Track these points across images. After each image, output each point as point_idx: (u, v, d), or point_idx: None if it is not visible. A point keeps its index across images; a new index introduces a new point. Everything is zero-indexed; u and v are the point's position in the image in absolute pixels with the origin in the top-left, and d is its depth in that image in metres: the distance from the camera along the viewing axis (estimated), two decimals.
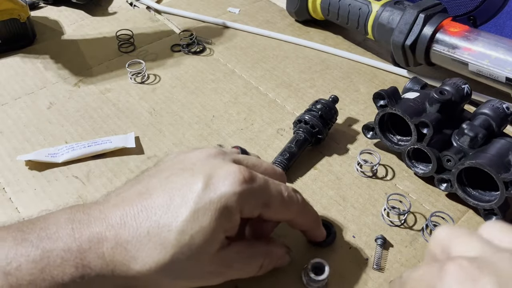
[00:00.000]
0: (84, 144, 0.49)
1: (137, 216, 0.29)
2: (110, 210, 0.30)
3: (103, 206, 0.31)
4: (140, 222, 0.29)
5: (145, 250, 0.28)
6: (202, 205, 0.29)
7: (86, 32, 0.68)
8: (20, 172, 0.47)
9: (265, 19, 0.72)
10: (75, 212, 0.30)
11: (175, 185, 0.30)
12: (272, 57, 0.65)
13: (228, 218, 0.30)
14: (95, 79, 0.59)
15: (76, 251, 0.28)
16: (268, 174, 0.34)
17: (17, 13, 0.61)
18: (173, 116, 0.55)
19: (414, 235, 0.43)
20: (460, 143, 0.45)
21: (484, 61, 0.52)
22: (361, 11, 0.61)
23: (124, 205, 0.30)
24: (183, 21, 0.71)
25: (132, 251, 0.29)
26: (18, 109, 0.55)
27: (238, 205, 0.30)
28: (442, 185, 0.46)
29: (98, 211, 0.30)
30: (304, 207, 0.36)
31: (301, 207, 0.35)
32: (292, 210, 0.34)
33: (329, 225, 0.42)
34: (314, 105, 0.50)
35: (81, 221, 0.30)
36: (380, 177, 0.48)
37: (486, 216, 0.43)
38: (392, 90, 0.49)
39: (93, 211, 0.30)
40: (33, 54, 0.63)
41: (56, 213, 0.31)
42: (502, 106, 0.46)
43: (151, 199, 0.30)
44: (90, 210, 0.31)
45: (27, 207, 0.44)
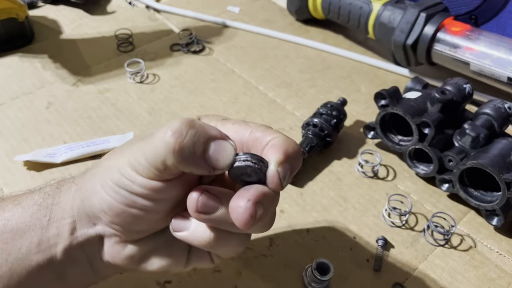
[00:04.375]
0: (82, 144, 0.49)
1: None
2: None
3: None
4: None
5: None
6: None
7: (84, 31, 0.67)
8: (18, 173, 0.47)
9: (265, 18, 0.72)
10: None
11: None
12: (272, 57, 0.65)
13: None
14: (93, 78, 0.59)
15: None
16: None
17: (15, 12, 0.60)
18: (172, 116, 0.54)
19: (415, 236, 0.43)
20: (462, 143, 0.45)
21: (486, 60, 0.52)
22: (362, 10, 0.61)
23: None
24: (183, 20, 0.71)
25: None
26: (16, 109, 0.54)
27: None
28: (444, 185, 0.46)
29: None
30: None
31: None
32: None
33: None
34: (323, 107, 0.50)
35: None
36: (381, 178, 0.48)
37: (488, 216, 0.43)
38: (393, 89, 0.48)
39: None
40: (32, 53, 0.63)
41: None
42: (503, 106, 0.45)
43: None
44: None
45: None
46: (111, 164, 0.28)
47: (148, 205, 0.27)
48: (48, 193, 0.30)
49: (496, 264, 0.41)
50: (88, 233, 0.29)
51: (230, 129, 0.29)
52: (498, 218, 0.42)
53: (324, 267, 0.37)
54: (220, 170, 0.26)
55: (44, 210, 0.29)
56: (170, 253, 0.30)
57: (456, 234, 0.43)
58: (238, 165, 0.26)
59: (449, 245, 0.42)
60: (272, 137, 0.27)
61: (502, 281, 0.39)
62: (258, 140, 0.28)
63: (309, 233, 0.42)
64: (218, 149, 0.26)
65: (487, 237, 0.43)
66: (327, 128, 0.48)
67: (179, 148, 0.25)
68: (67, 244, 0.29)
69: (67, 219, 0.29)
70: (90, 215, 0.29)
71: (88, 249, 0.30)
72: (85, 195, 0.29)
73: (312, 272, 0.36)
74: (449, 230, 0.42)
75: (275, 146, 0.27)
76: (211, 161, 0.26)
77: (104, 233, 0.29)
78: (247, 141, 0.28)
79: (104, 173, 0.28)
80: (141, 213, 0.28)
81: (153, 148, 0.25)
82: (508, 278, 0.40)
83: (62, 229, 0.29)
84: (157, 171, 0.26)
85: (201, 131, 0.25)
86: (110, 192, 0.27)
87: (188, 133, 0.25)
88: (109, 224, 0.29)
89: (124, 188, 0.27)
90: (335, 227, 0.43)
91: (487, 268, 0.40)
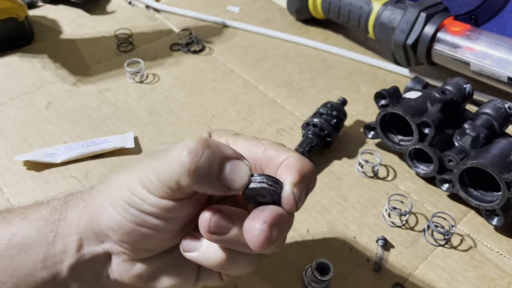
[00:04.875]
0: (82, 144, 0.49)
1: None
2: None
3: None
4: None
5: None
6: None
7: (84, 31, 0.67)
8: (18, 173, 0.47)
9: (265, 18, 0.72)
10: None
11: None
12: (272, 57, 0.65)
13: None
14: (93, 78, 0.59)
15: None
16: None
17: (15, 12, 0.60)
18: (172, 115, 0.54)
19: (415, 236, 0.43)
20: (462, 143, 0.45)
21: (486, 60, 0.52)
22: (362, 10, 0.61)
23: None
24: (182, 20, 0.71)
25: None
26: (16, 109, 0.54)
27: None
28: (444, 185, 0.46)
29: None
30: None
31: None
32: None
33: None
34: (323, 107, 0.50)
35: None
36: (381, 178, 0.48)
37: (488, 216, 0.43)
38: (394, 89, 0.48)
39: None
40: (31, 53, 0.63)
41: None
42: (504, 105, 0.45)
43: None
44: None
45: None
46: (121, 181, 0.27)
47: (159, 224, 0.27)
48: (55, 207, 0.29)
49: (496, 264, 0.41)
50: (95, 251, 0.29)
51: (242, 146, 0.28)
52: (498, 218, 0.42)
53: (324, 267, 0.37)
54: (235, 191, 0.25)
55: (50, 226, 0.28)
56: (179, 271, 0.30)
57: (456, 234, 0.43)
58: (253, 186, 0.25)
59: (449, 245, 0.42)
60: (286, 156, 0.27)
61: (502, 281, 0.39)
62: (272, 159, 0.27)
63: (309, 233, 0.42)
64: (233, 170, 0.25)
65: (487, 237, 0.43)
66: (327, 128, 0.48)
67: (195, 168, 0.24)
68: (73, 261, 0.28)
69: (73, 236, 0.28)
70: (98, 232, 0.28)
71: (95, 267, 0.29)
72: (93, 212, 0.28)
73: (312, 272, 0.36)
74: (449, 230, 0.42)
75: (290, 166, 0.26)
76: (226, 181, 0.25)
77: (112, 251, 0.29)
78: (260, 159, 0.28)
79: (113, 191, 0.27)
80: (151, 232, 0.27)
81: (167, 167, 0.25)
82: (508, 278, 0.40)
83: (69, 245, 0.28)
84: (169, 190, 0.25)
85: (216, 151, 0.25)
86: (119, 210, 0.27)
87: (204, 153, 0.24)
88: (118, 243, 0.28)
89: (135, 206, 0.26)
90: (335, 227, 0.43)
91: (487, 268, 0.40)
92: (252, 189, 0.25)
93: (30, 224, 0.28)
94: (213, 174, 0.25)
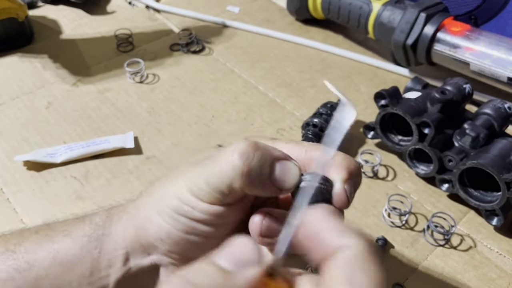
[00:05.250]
0: (82, 144, 0.49)
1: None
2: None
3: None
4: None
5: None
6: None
7: (84, 31, 0.67)
8: (18, 173, 0.47)
9: (265, 18, 0.72)
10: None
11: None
12: (272, 57, 0.65)
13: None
14: (93, 78, 0.59)
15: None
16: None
17: (15, 12, 0.60)
18: (172, 116, 0.54)
19: (415, 236, 0.43)
20: (462, 143, 0.45)
21: (486, 60, 0.52)
22: (362, 10, 0.61)
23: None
24: (182, 20, 0.71)
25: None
26: (16, 109, 0.54)
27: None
28: (444, 185, 0.46)
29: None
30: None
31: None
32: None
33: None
34: (323, 107, 0.50)
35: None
36: (381, 178, 0.48)
37: (487, 217, 0.43)
38: (393, 89, 0.48)
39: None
40: (31, 53, 0.63)
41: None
42: (503, 106, 0.46)
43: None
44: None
45: (25, 208, 0.44)
46: (167, 191, 0.27)
47: (208, 231, 0.27)
48: (98, 224, 0.29)
49: (496, 264, 0.41)
50: (142, 263, 0.28)
51: (283, 148, 0.28)
52: (498, 218, 0.42)
53: None
54: (286, 191, 0.26)
55: (94, 242, 0.28)
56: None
57: (456, 234, 0.43)
58: (304, 185, 0.25)
59: (449, 245, 0.42)
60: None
61: (502, 281, 0.39)
62: (314, 159, 0.27)
63: None
64: (283, 170, 0.25)
65: (487, 237, 0.43)
66: (326, 127, 0.48)
67: (248, 170, 0.24)
68: (119, 275, 0.28)
69: (119, 250, 0.28)
70: (144, 245, 0.28)
71: (143, 280, 0.29)
72: (139, 225, 0.28)
73: (312, 272, 0.36)
74: (449, 230, 0.42)
75: (338, 165, 0.26)
76: (278, 182, 0.25)
77: (160, 262, 0.28)
78: (302, 160, 0.28)
79: (160, 201, 0.27)
80: (200, 239, 0.27)
81: (218, 171, 0.25)
82: (508, 278, 0.40)
83: (114, 260, 0.28)
84: (220, 195, 0.25)
85: (266, 152, 0.25)
86: (168, 220, 0.27)
87: (255, 155, 0.25)
88: (166, 253, 0.28)
89: (184, 214, 0.26)
90: None
91: (487, 268, 0.40)
92: (303, 188, 0.25)
93: (74, 241, 0.28)
94: (265, 175, 0.25)
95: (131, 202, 0.30)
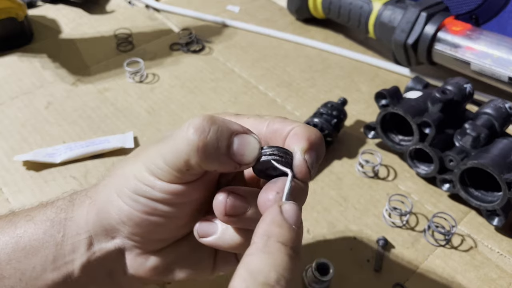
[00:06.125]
0: (82, 144, 0.48)
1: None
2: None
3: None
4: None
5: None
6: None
7: (84, 31, 0.67)
8: (17, 173, 0.47)
9: (265, 18, 0.72)
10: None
11: None
12: (272, 56, 0.64)
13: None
14: (93, 78, 0.59)
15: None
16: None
17: (14, 12, 0.60)
18: (172, 115, 0.54)
19: (416, 236, 0.42)
20: (463, 143, 0.45)
21: (486, 60, 0.52)
22: (362, 10, 0.61)
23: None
24: (182, 19, 0.71)
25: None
26: (16, 109, 0.54)
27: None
28: (444, 185, 0.45)
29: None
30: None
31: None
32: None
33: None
34: (323, 107, 0.50)
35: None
36: (382, 178, 0.48)
37: (488, 217, 0.43)
38: (394, 89, 0.48)
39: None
40: (31, 53, 0.62)
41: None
42: (504, 105, 0.45)
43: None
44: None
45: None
46: (126, 171, 0.27)
47: (169, 211, 0.26)
48: (60, 207, 0.28)
49: (497, 264, 0.41)
50: (107, 247, 0.28)
51: (246, 123, 0.27)
52: (499, 218, 0.42)
53: (324, 267, 0.37)
54: (246, 165, 0.25)
55: (57, 226, 0.28)
56: (196, 260, 0.29)
57: (456, 234, 0.43)
58: (264, 159, 0.24)
59: (450, 245, 0.42)
60: (291, 127, 0.26)
61: (503, 282, 0.39)
62: (277, 132, 0.26)
63: (309, 233, 0.42)
64: (242, 144, 0.24)
65: (487, 237, 0.43)
66: (327, 128, 0.48)
67: (203, 145, 0.23)
68: (84, 260, 0.27)
69: (82, 234, 0.27)
70: (107, 228, 0.27)
71: (108, 264, 0.28)
72: (100, 208, 0.27)
73: (312, 273, 0.36)
74: (450, 230, 0.42)
75: (298, 135, 0.25)
76: (236, 156, 0.24)
77: (124, 246, 0.28)
78: (265, 134, 0.27)
79: (119, 182, 0.27)
80: (162, 220, 0.26)
81: (174, 148, 0.24)
82: (509, 279, 0.40)
83: (78, 245, 0.27)
84: (178, 173, 0.25)
85: (223, 126, 0.24)
86: (128, 201, 0.26)
87: (211, 129, 0.23)
88: (129, 236, 0.27)
89: (143, 195, 0.25)
90: (336, 227, 0.43)
91: (488, 268, 0.40)
92: (263, 162, 0.24)
93: (36, 225, 0.28)
94: (222, 149, 0.24)
95: (93, 186, 0.29)
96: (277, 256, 0.21)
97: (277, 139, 0.26)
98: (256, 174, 0.26)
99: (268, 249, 0.21)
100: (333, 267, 0.36)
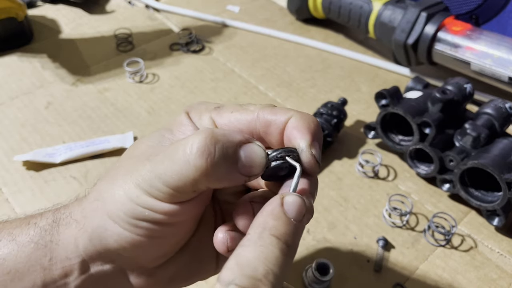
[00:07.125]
0: (82, 144, 0.48)
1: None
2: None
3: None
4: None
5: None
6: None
7: (84, 31, 0.67)
8: (17, 173, 0.46)
9: (265, 18, 0.72)
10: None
11: None
12: (272, 56, 0.64)
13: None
14: (93, 78, 0.59)
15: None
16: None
17: (14, 12, 0.60)
18: (172, 115, 0.54)
19: (416, 236, 0.42)
20: (463, 143, 0.45)
21: (487, 60, 0.52)
22: (362, 10, 0.61)
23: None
24: (182, 19, 0.71)
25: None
26: (16, 109, 0.54)
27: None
28: (445, 185, 0.45)
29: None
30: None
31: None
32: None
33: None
34: (323, 107, 0.50)
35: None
36: (382, 178, 0.48)
37: (488, 217, 0.43)
38: (394, 89, 0.48)
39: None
40: (31, 53, 0.62)
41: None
42: (504, 105, 0.45)
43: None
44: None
45: (24, 208, 0.43)
46: (116, 194, 0.24)
47: (171, 230, 0.25)
48: (44, 228, 0.26)
49: (497, 264, 0.41)
50: (105, 269, 0.26)
51: (230, 119, 0.25)
52: (499, 218, 0.42)
53: (324, 267, 0.37)
54: (255, 176, 0.23)
55: (43, 250, 0.26)
56: (199, 263, 0.28)
57: (457, 234, 0.43)
58: (274, 165, 0.23)
59: (450, 246, 0.42)
60: (286, 117, 0.24)
61: (503, 282, 0.39)
62: (271, 124, 0.25)
63: (309, 233, 0.42)
64: (249, 156, 0.23)
65: (488, 238, 0.43)
66: (327, 128, 0.48)
67: (212, 168, 0.22)
68: (78, 283, 0.26)
69: (73, 259, 0.26)
70: (103, 254, 0.26)
71: (109, 283, 0.27)
72: (94, 235, 0.25)
73: (312, 273, 0.36)
74: (450, 231, 0.42)
75: (298, 128, 0.24)
76: (245, 170, 0.23)
77: (125, 266, 0.27)
78: (254, 127, 0.25)
79: (111, 206, 0.24)
80: (164, 240, 0.25)
81: (177, 171, 0.22)
82: (509, 279, 0.40)
83: (70, 269, 0.26)
84: (182, 194, 0.23)
85: (226, 142, 0.22)
86: (127, 227, 0.24)
87: (216, 149, 0.22)
88: (130, 258, 0.26)
89: (144, 219, 0.24)
90: (336, 227, 0.43)
91: (488, 268, 0.40)
92: (273, 168, 0.24)
93: (19, 248, 0.26)
94: (231, 167, 0.23)
95: (77, 205, 0.27)
96: (269, 249, 0.20)
97: (272, 133, 0.25)
98: (265, 179, 0.25)
99: (261, 242, 0.21)
100: (333, 267, 0.36)
